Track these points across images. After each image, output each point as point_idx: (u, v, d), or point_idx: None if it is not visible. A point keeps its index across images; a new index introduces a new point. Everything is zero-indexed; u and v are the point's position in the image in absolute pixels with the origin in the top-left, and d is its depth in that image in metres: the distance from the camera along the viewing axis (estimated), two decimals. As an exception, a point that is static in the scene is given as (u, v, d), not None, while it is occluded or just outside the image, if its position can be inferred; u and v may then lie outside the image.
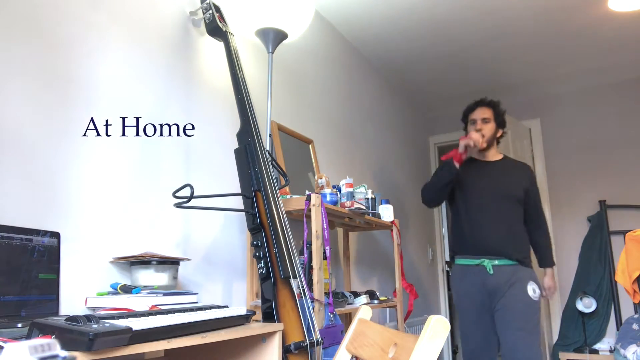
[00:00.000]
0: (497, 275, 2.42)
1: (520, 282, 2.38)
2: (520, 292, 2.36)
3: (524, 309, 2.33)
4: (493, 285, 2.41)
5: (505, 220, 2.48)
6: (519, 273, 2.41)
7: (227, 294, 1.98)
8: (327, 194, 2.19)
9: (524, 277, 2.40)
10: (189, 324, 1.10)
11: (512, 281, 2.39)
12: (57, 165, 1.41)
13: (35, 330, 0.87)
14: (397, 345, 0.83)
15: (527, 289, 2.37)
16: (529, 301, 2.34)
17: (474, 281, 2.46)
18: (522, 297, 2.35)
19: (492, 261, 2.44)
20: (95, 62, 1.58)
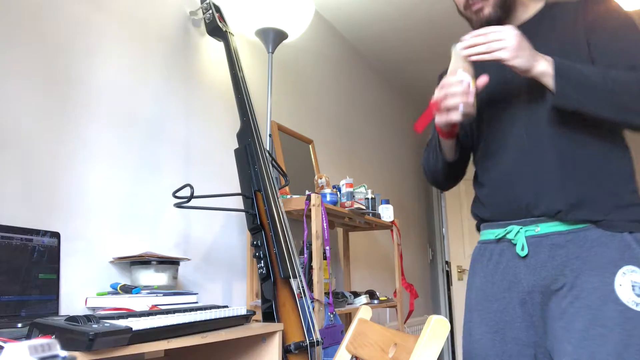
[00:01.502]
0: (539, 259, 1.08)
1: (596, 267, 1.02)
2: (598, 291, 1.00)
3: (614, 328, 0.96)
4: (531, 282, 1.09)
5: (551, 140, 1.10)
6: (594, 248, 1.03)
7: (227, 294, 1.98)
8: (327, 194, 2.19)
9: (605, 256, 1.02)
10: (189, 324, 1.10)
11: (576, 267, 1.04)
12: (57, 166, 1.41)
13: (35, 330, 0.87)
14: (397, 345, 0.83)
15: (615, 282, 0.99)
16: (622, 309, 0.97)
17: (493, 275, 1.16)
18: (603, 300, 0.99)
19: (526, 228, 1.11)
20: (95, 62, 1.58)
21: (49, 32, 1.44)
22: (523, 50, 1.00)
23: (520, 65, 1.00)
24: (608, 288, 0.98)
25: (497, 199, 1.17)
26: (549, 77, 1.01)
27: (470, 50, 1.02)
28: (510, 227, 1.13)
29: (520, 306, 1.11)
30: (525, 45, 1.01)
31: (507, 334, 1.12)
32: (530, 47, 1.02)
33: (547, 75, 1.01)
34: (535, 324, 1.09)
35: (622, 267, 0.99)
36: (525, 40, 1.02)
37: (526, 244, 1.09)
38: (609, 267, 1.00)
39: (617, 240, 1.02)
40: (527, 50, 1.01)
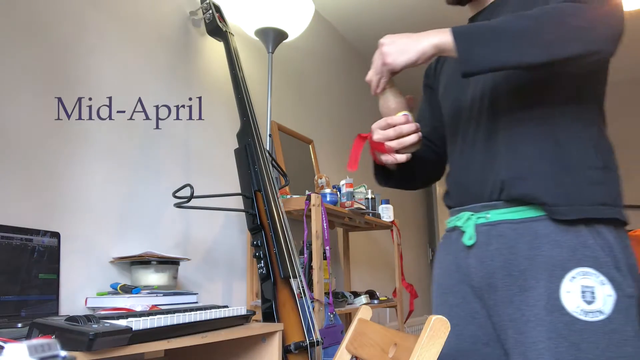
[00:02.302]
0: (487, 251, 0.96)
1: (544, 270, 0.88)
2: (544, 298, 0.87)
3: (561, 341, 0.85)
4: (479, 275, 0.97)
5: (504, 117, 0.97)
6: (544, 246, 0.89)
7: (227, 294, 1.98)
8: (327, 194, 2.19)
9: (554, 257, 0.88)
10: (188, 324, 1.10)
11: (524, 268, 0.91)
12: (57, 166, 1.41)
13: (35, 330, 0.87)
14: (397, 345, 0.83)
15: (561, 289, 0.86)
16: (568, 319, 0.85)
17: (449, 266, 1.07)
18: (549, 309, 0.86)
19: (478, 215, 0.99)
20: (95, 62, 1.58)
21: (49, 32, 1.44)
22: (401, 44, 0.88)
23: (411, 57, 0.87)
24: (554, 296, 0.85)
25: (455, 184, 1.06)
26: (449, 45, 0.85)
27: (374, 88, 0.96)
28: (461, 214, 1.02)
29: (478, 301, 0.99)
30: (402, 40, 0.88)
31: (463, 331, 1.00)
32: (414, 35, 0.88)
33: (447, 44, 0.85)
34: (492, 320, 0.97)
35: (571, 270, 0.85)
36: (403, 37, 0.89)
37: (474, 233, 0.97)
38: (557, 271, 0.86)
39: (571, 236, 0.87)
40: (406, 39, 0.88)
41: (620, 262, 0.86)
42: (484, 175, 0.97)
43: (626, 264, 0.87)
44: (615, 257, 0.86)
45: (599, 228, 0.88)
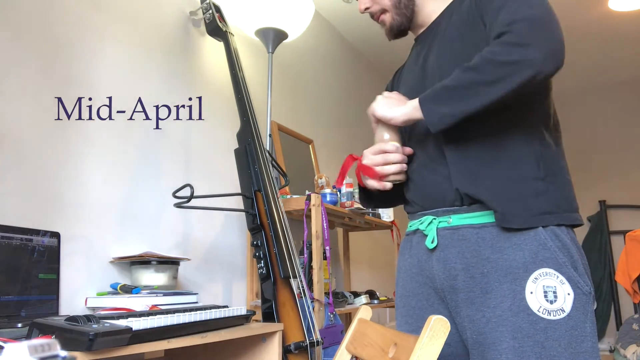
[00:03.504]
0: (449, 254, 0.99)
1: (508, 273, 0.92)
2: (509, 300, 0.91)
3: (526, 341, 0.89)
4: (442, 278, 1.00)
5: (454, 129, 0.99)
6: (506, 249, 0.94)
7: (227, 294, 1.98)
8: (327, 194, 2.19)
9: (517, 260, 0.92)
10: (189, 324, 1.10)
11: (487, 271, 0.94)
12: (57, 166, 1.41)
13: (35, 330, 0.87)
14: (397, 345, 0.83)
15: (526, 290, 0.90)
16: (533, 319, 0.89)
17: (411, 269, 1.09)
18: (514, 310, 0.90)
19: (440, 219, 1.02)
20: (96, 62, 1.58)
21: (49, 32, 1.44)
22: (388, 102, 1.03)
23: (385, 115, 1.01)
24: (518, 297, 0.89)
25: (415, 190, 1.08)
26: (417, 110, 0.96)
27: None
28: (424, 218, 1.05)
29: (440, 303, 1.02)
30: (391, 100, 1.03)
31: None
32: (402, 101, 1.02)
33: (417, 114, 0.97)
34: (455, 321, 1.00)
35: (534, 271, 0.90)
36: (394, 98, 1.03)
37: (436, 236, 1.00)
38: (520, 273, 0.90)
39: (531, 239, 0.92)
40: (395, 101, 1.02)
41: (577, 262, 0.92)
42: (442, 182, 1.01)
43: (581, 264, 0.93)
44: (572, 258, 0.92)
45: (556, 230, 0.93)
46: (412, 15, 1.14)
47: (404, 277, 1.11)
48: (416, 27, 1.18)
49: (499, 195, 0.93)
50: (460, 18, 1.04)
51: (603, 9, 3.17)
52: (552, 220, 0.93)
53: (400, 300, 1.11)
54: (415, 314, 1.05)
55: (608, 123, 4.32)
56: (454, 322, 1.00)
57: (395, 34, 1.17)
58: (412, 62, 1.18)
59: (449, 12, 1.09)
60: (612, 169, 4.26)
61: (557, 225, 0.93)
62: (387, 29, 1.17)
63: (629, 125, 4.26)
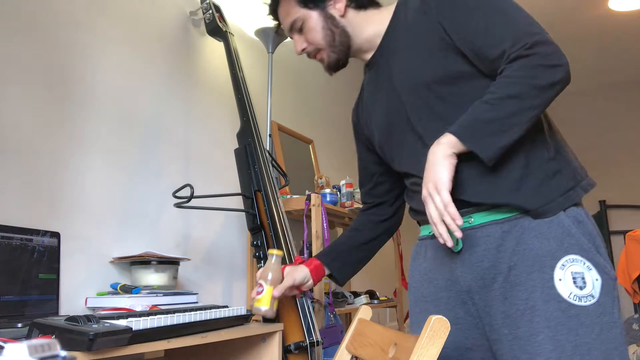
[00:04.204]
0: (475, 254, 0.98)
1: (535, 262, 0.92)
2: (539, 289, 0.91)
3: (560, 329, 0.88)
4: (468, 280, 0.99)
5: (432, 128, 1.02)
6: (531, 240, 0.93)
7: (227, 294, 1.98)
8: (327, 194, 2.19)
9: (543, 248, 0.92)
10: (189, 324, 1.10)
11: (514, 264, 0.94)
12: (57, 166, 1.41)
13: (35, 330, 0.87)
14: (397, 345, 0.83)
15: (555, 277, 0.90)
16: (564, 306, 0.89)
17: (428, 273, 1.09)
18: (545, 298, 0.90)
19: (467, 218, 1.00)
20: (95, 62, 1.58)
21: (49, 31, 1.44)
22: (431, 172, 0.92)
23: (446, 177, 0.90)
24: (548, 284, 0.89)
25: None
26: (457, 144, 0.91)
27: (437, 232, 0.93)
28: None
29: (461, 307, 1.00)
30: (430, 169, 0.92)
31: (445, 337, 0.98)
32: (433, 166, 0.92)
33: (459, 149, 0.92)
34: (477, 326, 0.98)
35: (561, 258, 0.90)
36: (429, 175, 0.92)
37: (460, 238, 0.97)
38: (547, 261, 0.90)
39: (555, 226, 0.92)
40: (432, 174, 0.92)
41: (599, 247, 0.93)
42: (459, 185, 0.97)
43: (603, 248, 0.94)
44: (595, 242, 0.93)
45: (576, 213, 0.94)
46: (349, 49, 1.16)
47: (419, 282, 1.10)
48: (362, 53, 1.18)
49: (521, 193, 0.93)
50: (415, 31, 1.04)
51: (603, 9, 3.17)
52: (576, 196, 0.94)
53: (417, 305, 1.10)
54: None
55: (608, 123, 4.32)
56: (477, 326, 0.98)
57: (335, 69, 1.23)
58: (372, 88, 1.19)
59: (396, 29, 1.09)
60: (612, 169, 4.26)
61: (576, 205, 0.94)
62: (326, 67, 1.21)
63: (629, 126, 4.26)
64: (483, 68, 0.98)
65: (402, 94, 1.06)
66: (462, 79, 0.99)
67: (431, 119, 1.02)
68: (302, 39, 1.18)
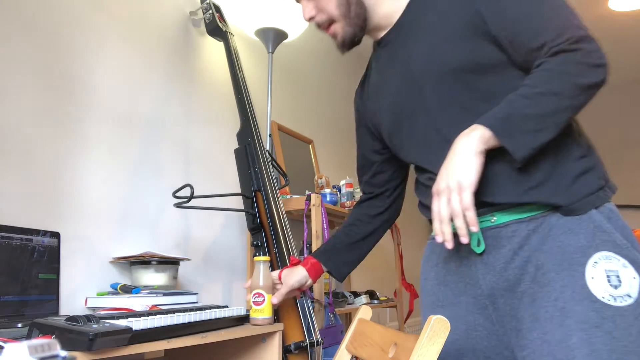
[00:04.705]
0: (499, 255, 0.91)
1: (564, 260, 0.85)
2: (569, 288, 0.84)
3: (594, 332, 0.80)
4: (491, 283, 0.92)
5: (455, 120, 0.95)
6: (560, 237, 0.87)
7: (227, 294, 1.98)
8: (327, 194, 2.19)
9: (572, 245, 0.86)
10: (188, 324, 1.10)
11: (541, 263, 0.87)
12: (57, 166, 1.41)
13: (35, 330, 0.87)
14: (397, 345, 0.83)
15: (586, 276, 0.83)
16: (598, 306, 0.81)
17: (445, 276, 1.01)
18: (577, 299, 0.83)
19: (481, 218, 0.93)
20: (95, 62, 1.58)
21: (49, 31, 1.44)
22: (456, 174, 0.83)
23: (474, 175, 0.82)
24: (579, 283, 0.82)
25: None
26: (493, 142, 0.84)
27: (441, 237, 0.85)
28: None
29: (481, 312, 0.93)
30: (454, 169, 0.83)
31: (463, 345, 0.94)
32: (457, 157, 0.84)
33: (491, 142, 0.84)
34: (498, 332, 0.91)
35: (592, 255, 0.83)
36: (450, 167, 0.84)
37: (482, 238, 0.90)
38: (578, 258, 0.84)
39: (585, 223, 0.86)
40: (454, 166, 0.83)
41: (635, 242, 0.85)
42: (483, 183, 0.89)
43: (638, 244, 0.86)
44: (629, 238, 0.86)
45: (608, 208, 0.88)
46: (365, 23, 1.04)
47: (434, 285, 1.02)
48: (375, 31, 1.08)
49: (550, 190, 0.87)
50: (443, 11, 0.95)
51: (603, 9, 3.17)
52: (605, 195, 0.89)
53: (431, 310, 1.02)
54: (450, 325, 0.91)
55: (608, 123, 4.32)
56: (496, 334, 0.92)
57: (349, 46, 1.08)
58: (383, 69, 1.08)
59: (419, 7, 1.00)
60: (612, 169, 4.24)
61: (606, 203, 0.89)
62: (339, 42, 1.07)
63: (629, 126, 4.26)
64: (517, 58, 0.90)
65: (421, 79, 0.97)
66: (492, 68, 0.91)
67: (454, 110, 0.94)
68: (311, 5, 1.05)
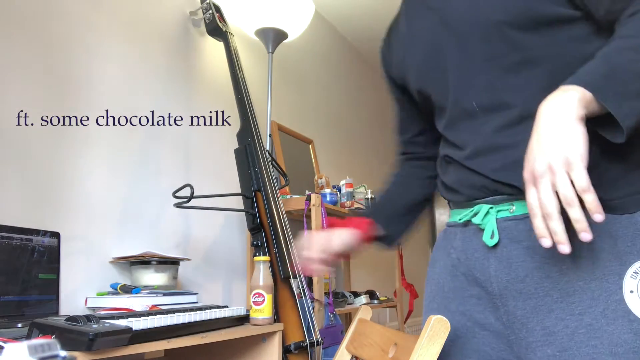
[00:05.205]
0: (514, 251, 0.76)
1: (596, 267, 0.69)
2: (601, 302, 0.68)
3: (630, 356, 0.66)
4: (503, 282, 0.76)
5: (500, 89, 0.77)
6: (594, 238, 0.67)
7: (227, 294, 1.98)
8: (327, 194, 2.19)
9: (606, 250, 0.70)
10: (188, 324, 1.10)
11: (566, 267, 0.71)
12: (57, 165, 1.41)
13: (35, 330, 0.87)
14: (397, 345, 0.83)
15: (624, 288, 0.68)
16: (637, 327, 0.66)
17: (456, 266, 0.86)
18: (609, 316, 0.67)
19: (498, 207, 0.78)
20: (95, 62, 1.58)
21: (49, 31, 1.44)
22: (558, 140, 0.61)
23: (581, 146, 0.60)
24: (614, 298, 0.67)
25: (461, 171, 0.83)
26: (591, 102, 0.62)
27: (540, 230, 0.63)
28: (477, 207, 0.80)
29: (492, 311, 0.79)
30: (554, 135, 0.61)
31: (466, 344, 0.81)
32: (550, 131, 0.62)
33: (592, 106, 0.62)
34: (508, 338, 0.77)
35: (632, 264, 0.67)
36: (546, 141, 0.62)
37: (497, 229, 0.76)
38: (614, 267, 0.68)
39: (625, 224, 0.69)
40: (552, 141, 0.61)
41: None
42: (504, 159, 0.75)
43: None
44: None
45: None
46: None
47: (441, 273, 0.88)
48: None
49: (600, 175, 0.69)
50: None
51: (603, 9, 3.18)
52: None
53: (434, 300, 0.89)
54: (454, 319, 0.83)
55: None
56: (507, 338, 0.77)
57: None
58: (414, 15, 0.89)
59: None
60: (612, 169, 4.25)
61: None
62: None
63: (629, 125, 4.26)
64: (597, 10, 0.71)
65: (457, 31, 0.80)
66: (554, 24, 0.72)
67: (497, 76, 0.76)
68: None
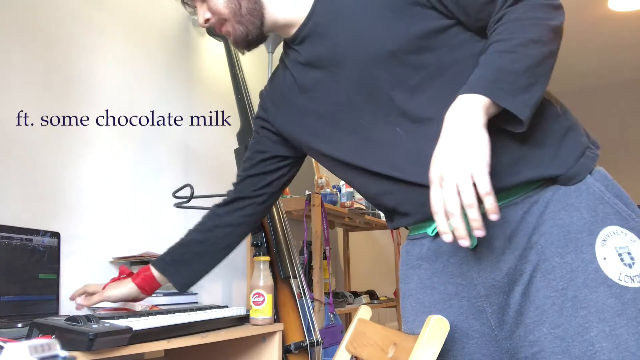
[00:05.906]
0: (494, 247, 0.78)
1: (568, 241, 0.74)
2: (579, 273, 0.72)
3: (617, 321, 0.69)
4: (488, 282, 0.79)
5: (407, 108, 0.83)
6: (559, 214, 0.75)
7: (227, 294, 1.98)
8: (327, 194, 2.19)
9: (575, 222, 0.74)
10: (188, 324, 1.10)
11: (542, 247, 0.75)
12: (57, 165, 1.41)
13: (35, 330, 0.87)
14: (397, 345, 0.83)
15: (597, 256, 0.72)
16: (617, 291, 0.70)
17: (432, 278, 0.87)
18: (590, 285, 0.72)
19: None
20: (95, 62, 1.58)
21: (48, 31, 1.44)
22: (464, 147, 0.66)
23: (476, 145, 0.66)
24: (591, 267, 0.71)
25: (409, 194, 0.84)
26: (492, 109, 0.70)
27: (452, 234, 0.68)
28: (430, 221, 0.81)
29: (476, 317, 0.80)
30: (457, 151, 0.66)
31: (457, 355, 0.82)
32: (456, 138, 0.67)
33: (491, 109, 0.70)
34: (497, 337, 0.79)
35: (599, 232, 0.72)
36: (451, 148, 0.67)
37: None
38: (584, 237, 0.72)
39: (584, 193, 0.75)
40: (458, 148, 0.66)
41: (637, 211, 0.75)
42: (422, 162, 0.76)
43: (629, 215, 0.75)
44: (631, 206, 0.76)
45: (604, 175, 0.79)
46: (261, 20, 0.92)
47: (418, 288, 0.88)
48: (285, 27, 0.94)
49: (540, 160, 0.75)
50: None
51: (603, 9, 3.17)
52: (595, 152, 0.80)
53: (416, 316, 0.89)
54: None
55: (608, 124, 4.32)
56: (495, 339, 0.79)
57: (246, 45, 0.95)
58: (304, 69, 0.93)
59: None
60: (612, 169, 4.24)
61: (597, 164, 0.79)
62: (232, 42, 0.96)
63: (629, 126, 4.26)
64: (467, 19, 0.80)
65: (357, 71, 0.84)
66: (437, 37, 0.80)
67: (410, 97, 0.81)
68: (204, 8, 0.94)
